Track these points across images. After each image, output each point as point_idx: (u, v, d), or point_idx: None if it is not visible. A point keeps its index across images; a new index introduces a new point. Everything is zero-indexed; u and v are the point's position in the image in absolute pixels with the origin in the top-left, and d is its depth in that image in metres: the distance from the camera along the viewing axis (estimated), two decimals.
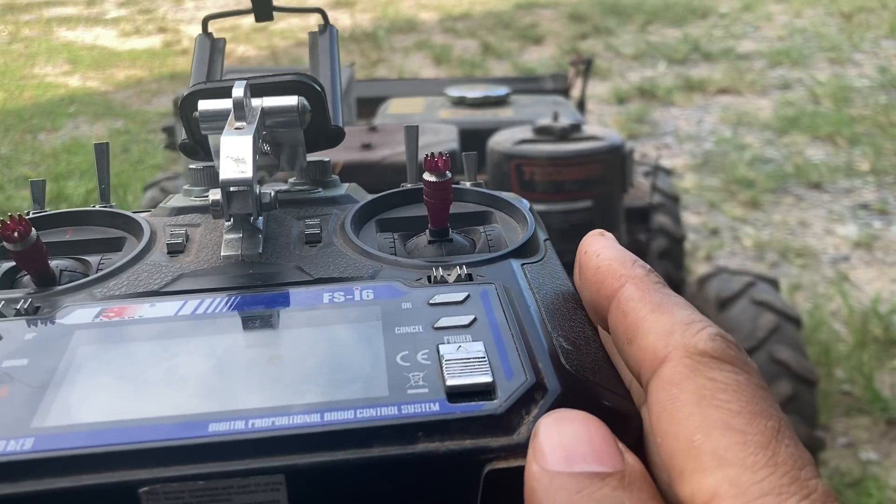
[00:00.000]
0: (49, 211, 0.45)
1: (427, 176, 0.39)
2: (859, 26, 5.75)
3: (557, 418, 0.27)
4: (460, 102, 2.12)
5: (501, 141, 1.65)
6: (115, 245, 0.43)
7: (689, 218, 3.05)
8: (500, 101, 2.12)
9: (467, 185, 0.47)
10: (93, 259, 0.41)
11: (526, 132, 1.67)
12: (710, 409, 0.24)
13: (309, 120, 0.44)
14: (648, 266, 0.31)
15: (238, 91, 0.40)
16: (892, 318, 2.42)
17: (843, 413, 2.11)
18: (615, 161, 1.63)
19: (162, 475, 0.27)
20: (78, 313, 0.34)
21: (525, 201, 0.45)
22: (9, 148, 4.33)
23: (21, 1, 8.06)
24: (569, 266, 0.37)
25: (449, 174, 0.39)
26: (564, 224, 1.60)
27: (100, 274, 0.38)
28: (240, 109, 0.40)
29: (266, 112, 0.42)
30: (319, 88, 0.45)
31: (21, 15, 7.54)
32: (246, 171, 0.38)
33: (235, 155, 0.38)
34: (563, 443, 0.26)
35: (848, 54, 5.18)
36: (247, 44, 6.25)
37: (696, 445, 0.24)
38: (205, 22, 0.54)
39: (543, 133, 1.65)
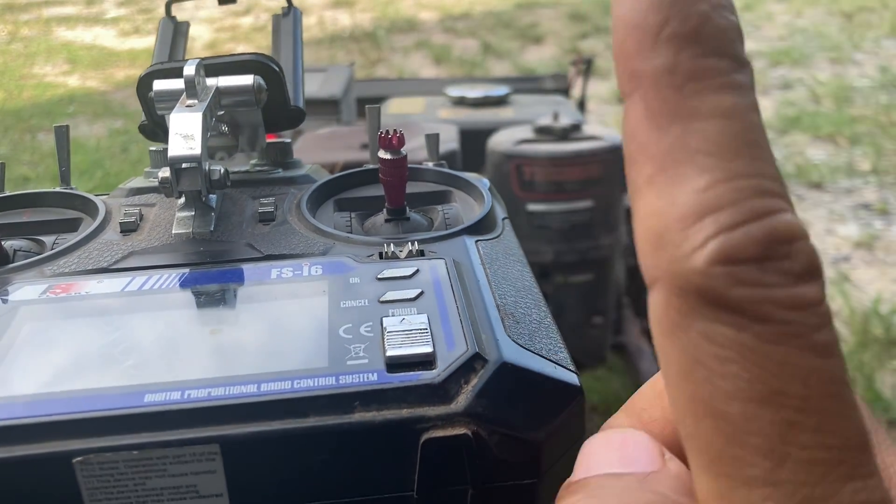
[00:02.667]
0: (6, 193, 0.45)
1: (382, 153, 0.39)
2: (860, 26, 5.75)
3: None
4: (460, 102, 2.12)
5: (501, 141, 1.64)
6: (71, 226, 0.43)
7: None
8: (500, 101, 2.12)
9: (429, 165, 0.46)
10: (48, 239, 0.42)
11: (526, 132, 1.66)
12: (703, 384, 0.17)
13: (266, 99, 0.44)
14: (692, 26, 0.17)
15: (189, 69, 0.40)
16: (893, 318, 2.42)
17: None
18: (615, 161, 1.62)
19: (95, 445, 0.26)
20: (25, 290, 0.34)
21: (485, 181, 0.45)
22: (8, 148, 4.32)
23: (20, 0, 8.06)
24: (569, 266, 0.36)
25: (403, 152, 0.39)
26: (564, 224, 1.60)
27: (51, 252, 0.38)
28: (191, 87, 0.40)
29: (221, 91, 0.42)
30: (277, 68, 0.44)
31: (20, 14, 7.54)
32: (195, 147, 0.37)
33: (185, 132, 0.38)
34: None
35: (849, 54, 5.17)
36: (246, 43, 6.25)
37: (687, 436, 0.18)
38: (168, 5, 0.54)
39: (543, 133, 1.64)
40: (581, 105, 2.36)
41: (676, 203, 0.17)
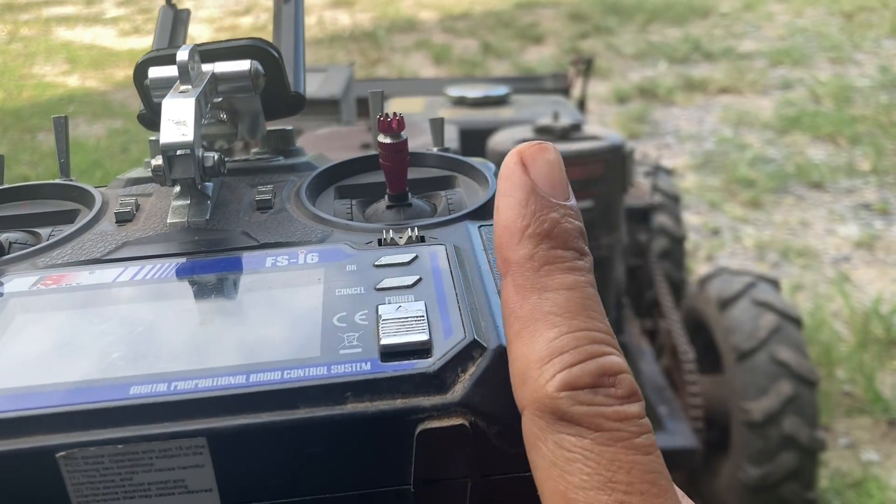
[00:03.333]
0: (4, 185, 0.45)
1: (381, 138, 0.38)
2: (860, 26, 5.74)
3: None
4: (460, 102, 2.12)
5: (501, 141, 1.64)
6: (68, 217, 0.42)
7: (690, 218, 3.05)
8: (500, 101, 2.12)
9: (434, 150, 0.45)
10: (44, 231, 0.41)
11: (526, 132, 1.66)
12: (559, 480, 0.23)
13: (263, 85, 0.42)
14: (545, 228, 0.26)
15: (183, 55, 0.39)
16: (893, 318, 2.42)
17: (845, 414, 2.11)
18: (615, 161, 1.62)
19: (80, 440, 0.26)
20: (16, 282, 0.34)
21: (490, 165, 0.43)
22: (8, 147, 4.32)
23: (20, 0, 8.06)
24: None
25: (404, 135, 0.38)
26: None
27: (44, 244, 0.38)
28: (185, 73, 0.39)
29: (218, 77, 0.41)
30: (276, 53, 0.43)
31: (20, 14, 7.54)
32: (187, 133, 0.36)
33: (177, 118, 0.37)
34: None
35: (849, 54, 5.17)
36: None
37: None
38: None
39: (543, 133, 1.64)
40: (581, 105, 2.36)
41: (534, 350, 0.25)
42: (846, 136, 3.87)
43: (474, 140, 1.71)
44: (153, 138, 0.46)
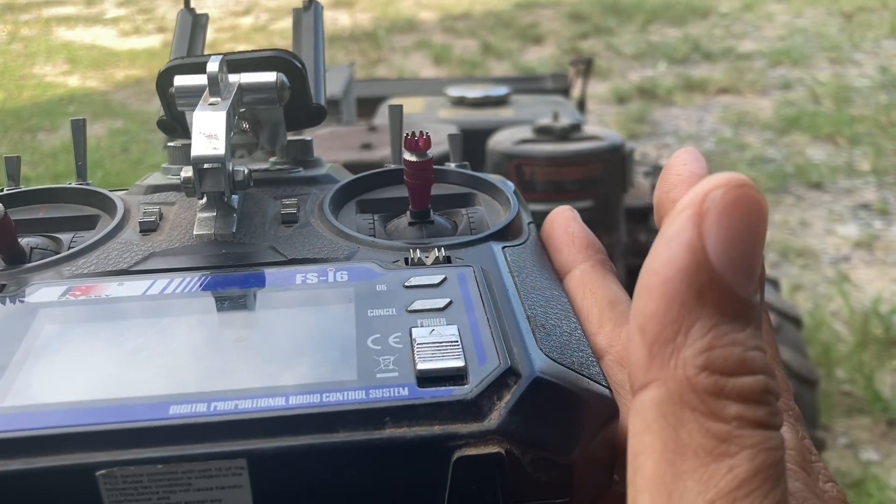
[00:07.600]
0: (23, 188, 0.45)
1: (407, 156, 0.38)
2: (860, 26, 5.74)
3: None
4: (460, 102, 2.12)
5: (501, 141, 1.64)
6: (88, 223, 0.42)
7: None
8: (500, 101, 2.12)
9: (452, 166, 0.45)
10: (65, 237, 0.40)
11: (526, 132, 1.66)
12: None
13: (288, 97, 0.43)
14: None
15: (213, 66, 0.39)
16: (892, 318, 2.42)
17: (844, 413, 2.11)
18: (615, 161, 1.62)
19: (120, 458, 0.26)
20: (44, 291, 0.34)
21: (510, 183, 0.44)
22: (8, 148, 4.32)
23: (20, 0, 8.05)
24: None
25: (430, 154, 0.38)
26: None
27: (69, 252, 0.37)
28: (214, 85, 0.39)
29: (244, 88, 0.41)
30: (300, 65, 0.43)
31: (20, 14, 7.53)
32: (219, 147, 0.37)
33: (208, 131, 0.37)
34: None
35: (849, 54, 5.17)
36: (247, 43, 6.25)
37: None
38: None
39: (543, 133, 1.64)
40: (581, 105, 2.36)
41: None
42: (846, 136, 3.88)
43: (474, 140, 1.71)
44: (172, 144, 0.46)
